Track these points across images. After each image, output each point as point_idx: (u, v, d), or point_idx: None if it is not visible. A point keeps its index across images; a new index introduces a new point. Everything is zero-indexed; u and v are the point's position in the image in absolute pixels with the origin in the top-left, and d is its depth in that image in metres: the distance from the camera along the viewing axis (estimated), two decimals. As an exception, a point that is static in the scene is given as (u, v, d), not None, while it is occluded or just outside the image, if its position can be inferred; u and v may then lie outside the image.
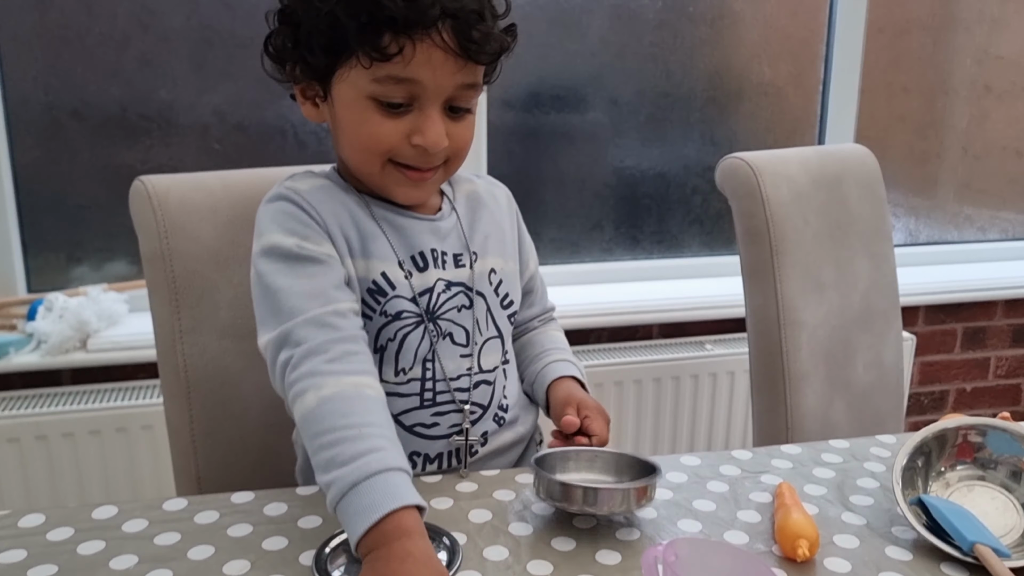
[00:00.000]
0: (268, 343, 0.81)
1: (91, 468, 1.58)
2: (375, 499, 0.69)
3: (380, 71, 0.81)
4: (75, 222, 1.73)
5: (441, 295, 0.91)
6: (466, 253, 0.94)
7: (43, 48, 1.64)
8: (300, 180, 0.90)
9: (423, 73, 0.81)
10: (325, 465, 0.72)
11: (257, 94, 1.74)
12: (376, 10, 0.78)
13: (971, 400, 2.28)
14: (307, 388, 0.76)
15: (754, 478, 0.91)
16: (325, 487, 0.72)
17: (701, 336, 1.96)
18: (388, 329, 0.88)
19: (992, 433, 0.85)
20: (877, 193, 1.43)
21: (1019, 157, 2.31)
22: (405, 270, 0.89)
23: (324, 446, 0.73)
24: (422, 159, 0.86)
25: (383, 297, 0.88)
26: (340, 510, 0.71)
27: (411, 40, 0.79)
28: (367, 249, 0.88)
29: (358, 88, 0.83)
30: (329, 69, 0.84)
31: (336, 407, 0.75)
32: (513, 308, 0.99)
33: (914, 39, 2.15)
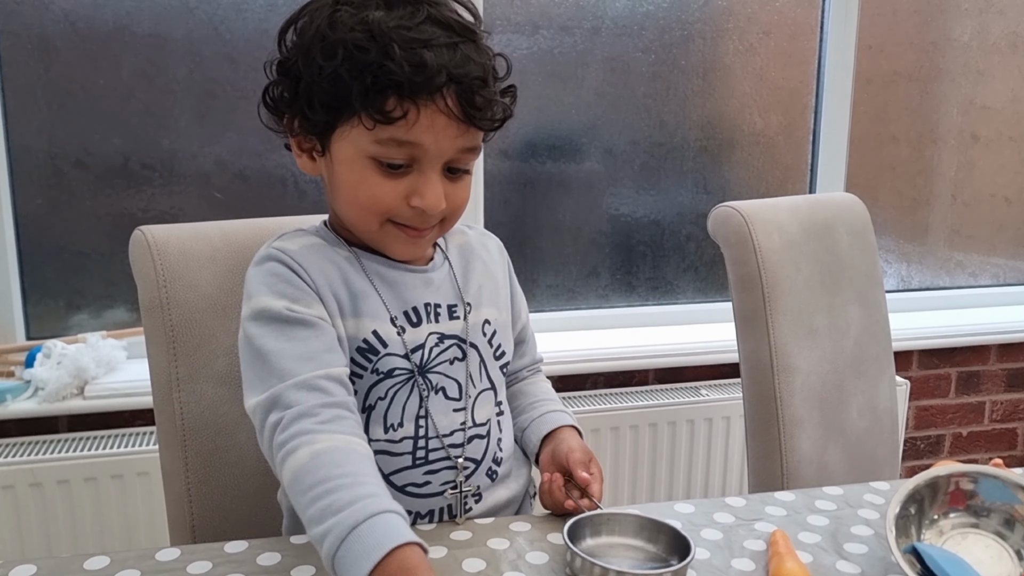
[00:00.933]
0: (257, 405, 0.80)
1: (86, 515, 1.57)
2: (377, 539, 0.68)
3: (382, 133, 0.81)
4: (75, 269, 1.74)
5: (434, 349, 0.90)
6: (460, 304, 0.94)
7: (47, 98, 1.68)
8: (289, 240, 0.90)
9: (425, 137, 0.81)
10: (319, 516, 0.71)
11: (258, 144, 1.77)
12: (382, 74, 0.78)
13: (967, 444, 2.27)
14: (299, 445, 0.76)
15: (748, 525, 0.91)
16: (320, 538, 0.71)
17: (697, 381, 1.97)
18: (379, 387, 0.88)
19: (984, 480, 0.86)
20: (867, 240, 1.45)
21: (1007, 204, 2.35)
22: (398, 326, 0.89)
23: (318, 496, 0.72)
24: (420, 219, 0.86)
25: (374, 355, 0.87)
26: (339, 557, 0.69)
27: (415, 105, 0.79)
28: (358, 308, 0.87)
29: (358, 147, 0.83)
30: (329, 126, 0.84)
31: (330, 459, 0.75)
32: (506, 359, 0.98)
33: (901, 90, 2.20)
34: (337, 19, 0.81)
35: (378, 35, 0.79)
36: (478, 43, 0.84)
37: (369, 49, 0.79)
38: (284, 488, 0.77)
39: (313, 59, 0.81)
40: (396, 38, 0.79)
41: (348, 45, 0.79)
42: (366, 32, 0.79)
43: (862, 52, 2.11)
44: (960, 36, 2.21)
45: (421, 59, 0.78)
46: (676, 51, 2.00)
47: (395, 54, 0.78)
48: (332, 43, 0.80)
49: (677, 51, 2.00)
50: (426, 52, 0.79)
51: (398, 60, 0.78)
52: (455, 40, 0.81)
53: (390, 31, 0.79)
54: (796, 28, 2.08)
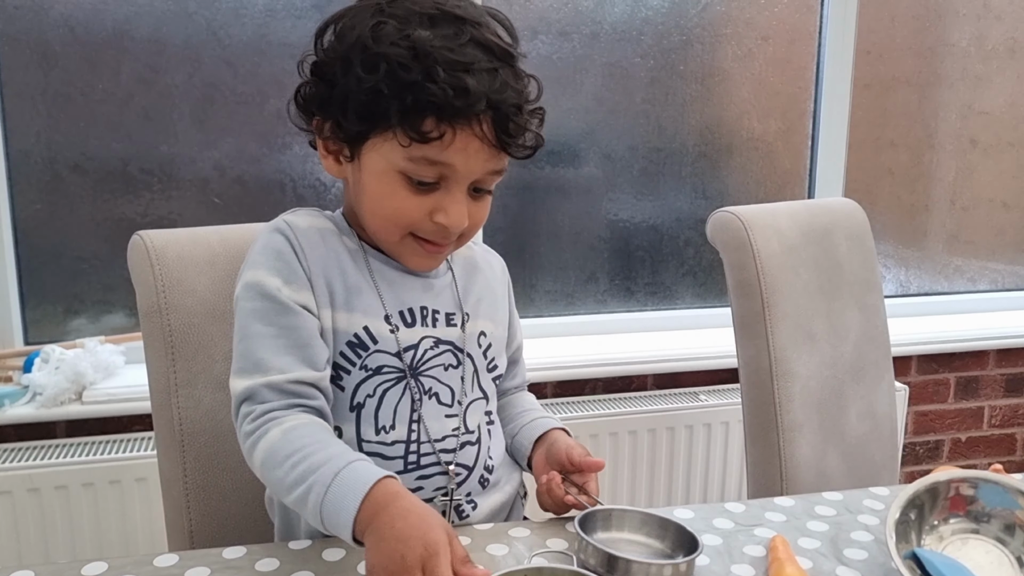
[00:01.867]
0: (235, 390, 0.84)
1: (84, 521, 1.57)
2: (359, 476, 0.74)
3: (416, 151, 0.81)
4: (74, 275, 1.74)
5: (427, 352, 0.91)
6: (459, 313, 0.95)
7: (46, 103, 1.68)
8: (301, 216, 0.91)
9: (457, 159, 0.82)
10: (299, 478, 0.76)
11: (257, 149, 1.78)
12: (423, 94, 0.78)
13: (966, 450, 2.27)
14: (269, 428, 0.80)
15: (748, 531, 0.91)
16: (303, 496, 0.75)
17: (695, 387, 1.97)
18: (367, 384, 0.88)
19: (984, 486, 0.86)
20: (866, 245, 1.45)
21: (1005, 209, 2.35)
22: (392, 324, 0.89)
23: (296, 463, 0.77)
24: (441, 235, 0.87)
25: (364, 351, 0.88)
26: (327, 503, 0.73)
27: (452, 127, 0.80)
28: (351, 302, 0.88)
29: (389, 161, 0.83)
30: (362, 136, 0.84)
31: (300, 432, 0.80)
32: (499, 372, 0.99)
33: (900, 95, 2.20)
34: (381, 31, 0.81)
35: (422, 54, 0.79)
36: (515, 68, 0.85)
37: (412, 68, 0.79)
38: (259, 468, 0.81)
39: (352, 68, 0.81)
40: (439, 59, 0.79)
41: (391, 61, 0.79)
42: (410, 49, 0.79)
43: (860, 57, 2.11)
44: (958, 41, 2.21)
45: (463, 84, 0.79)
46: (675, 56, 2.00)
47: (438, 76, 0.78)
48: (374, 56, 0.80)
49: (676, 56, 2.00)
50: (468, 77, 0.79)
51: (441, 83, 0.78)
52: (496, 65, 0.82)
53: (434, 51, 0.79)
54: (794, 33, 2.08)
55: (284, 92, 1.73)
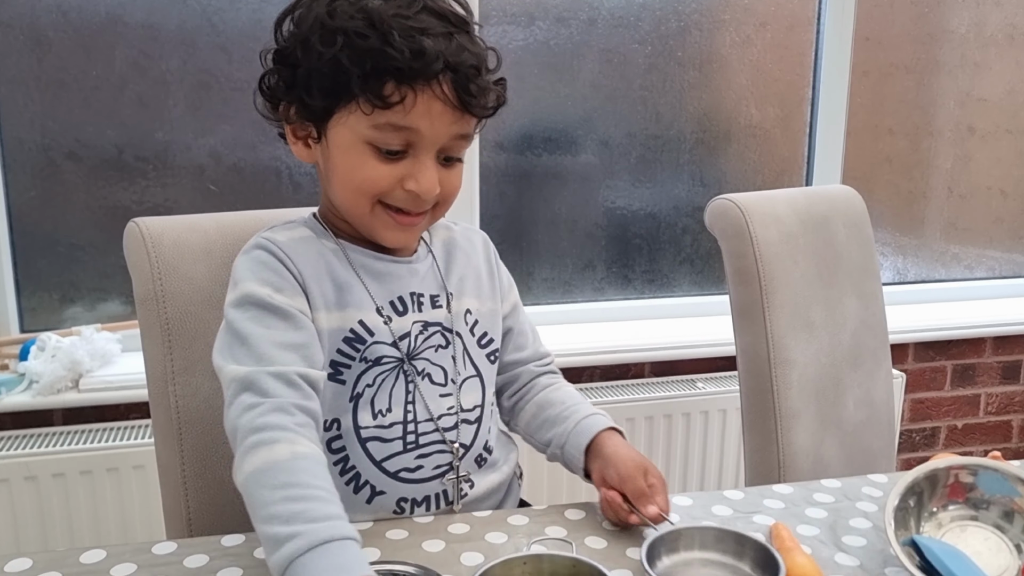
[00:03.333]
0: (234, 378, 0.80)
1: (81, 508, 1.56)
2: (349, 559, 0.69)
3: (380, 118, 0.83)
4: (69, 262, 1.73)
5: (419, 337, 0.92)
6: (443, 294, 0.96)
7: (40, 90, 1.66)
8: (278, 231, 0.92)
9: (422, 122, 0.83)
10: (289, 516, 0.70)
11: (253, 136, 1.77)
12: (382, 59, 0.80)
13: (962, 437, 2.28)
14: (279, 439, 0.76)
15: (746, 518, 0.91)
16: (279, 536, 0.69)
17: (693, 375, 1.97)
18: (367, 375, 0.89)
19: (983, 473, 0.86)
20: (864, 233, 1.45)
21: (1003, 197, 2.35)
22: (384, 315, 0.90)
23: (293, 498, 0.72)
24: (413, 203, 0.88)
25: (362, 344, 0.89)
26: (301, 562, 0.68)
27: (413, 90, 0.81)
28: (343, 300, 0.89)
29: (356, 133, 0.84)
30: (326, 112, 0.85)
31: (308, 465, 0.75)
32: (493, 347, 0.99)
33: (898, 82, 2.19)
34: (336, 8, 0.83)
35: (377, 23, 0.81)
36: (471, 34, 0.87)
37: (369, 36, 0.81)
38: (248, 472, 0.75)
39: (312, 46, 0.83)
40: (395, 26, 0.81)
41: (348, 32, 0.81)
42: (366, 20, 0.81)
43: (859, 44, 2.10)
44: (957, 28, 2.20)
45: (420, 46, 0.81)
46: (672, 43, 1.99)
47: (395, 41, 0.80)
48: (331, 30, 0.82)
49: (673, 43, 1.99)
50: (424, 39, 0.81)
51: (398, 46, 0.80)
52: (451, 30, 0.84)
53: (389, 19, 0.81)
54: (793, 20, 2.07)
55: (280, 78, 1.73)
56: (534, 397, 1.05)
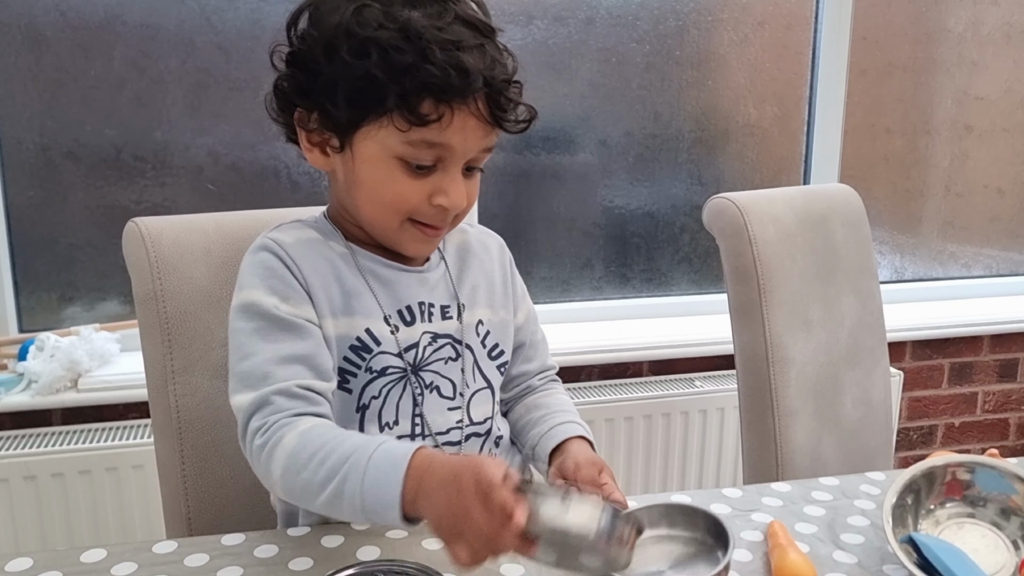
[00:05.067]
0: (239, 407, 0.81)
1: (81, 508, 1.56)
2: (394, 452, 0.71)
3: (414, 135, 0.80)
4: (68, 262, 1.73)
5: (427, 348, 0.90)
6: (454, 305, 0.94)
7: (38, 90, 1.66)
8: (286, 232, 0.89)
9: (456, 139, 0.81)
10: (330, 473, 0.73)
11: (251, 135, 1.76)
12: (420, 76, 0.77)
13: (959, 435, 2.29)
14: (283, 434, 0.77)
15: (745, 516, 0.92)
16: (338, 490, 0.72)
17: (691, 373, 1.97)
18: (373, 386, 0.87)
19: (981, 471, 0.86)
20: (862, 231, 1.45)
21: (1000, 195, 2.35)
22: (391, 324, 0.88)
23: (322, 460, 0.74)
24: (440, 218, 0.86)
25: (368, 353, 0.87)
26: (367, 488, 0.71)
27: (450, 108, 0.79)
28: (350, 306, 0.87)
29: (385, 147, 0.82)
30: (353, 124, 0.82)
31: (317, 432, 0.77)
32: (503, 359, 0.97)
33: (896, 81, 2.20)
34: (365, 15, 0.79)
35: (414, 36, 0.77)
36: (497, 43, 0.84)
37: (406, 50, 0.77)
38: (280, 477, 0.77)
39: (338, 55, 0.79)
40: (432, 39, 0.77)
41: (383, 44, 0.77)
42: (400, 32, 0.78)
43: (856, 43, 2.11)
44: (954, 27, 2.21)
45: (460, 62, 0.78)
46: (671, 42, 1.99)
47: (435, 57, 0.77)
48: (362, 41, 0.78)
49: (672, 42, 1.99)
50: (463, 55, 0.78)
51: (439, 63, 0.77)
52: (482, 41, 0.81)
53: (425, 31, 0.78)
54: (790, 19, 2.08)
55: (278, 78, 1.73)
56: (523, 399, 1.04)
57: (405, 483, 0.69)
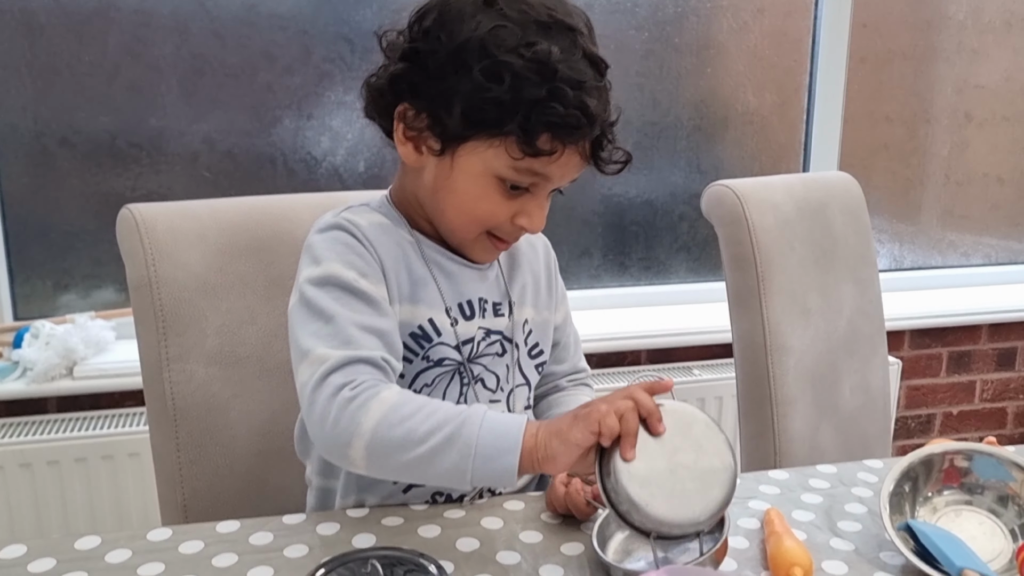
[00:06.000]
0: (325, 359, 0.78)
1: (76, 496, 1.56)
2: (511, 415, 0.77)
3: (523, 163, 0.81)
4: (63, 249, 1.72)
5: (481, 343, 0.92)
6: (505, 302, 0.95)
7: (32, 76, 1.65)
8: (359, 214, 0.89)
9: (557, 172, 0.83)
10: (443, 419, 0.75)
11: (247, 122, 1.75)
12: (547, 114, 0.78)
13: (958, 424, 2.29)
14: (380, 390, 0.77)
15: (742, 504, 0.91)
16: (452, 433, 0.74)
17: (689, 362, 1.97)
18: (427, 374, 0.89)
19: (978, 458, 0.86)
20: (861, 220, 1.44)
21: (1000, 184, 2.35)
22: (451, 317, 0.90)
23: (432, 412, 0.75)
24: (516, 235, 0.89)
25: (427, 343, 0.88)
26: (486, 429, 0.74)
27: (563, 145, 0.80)
28: (416, 295, 0.88)
29: (489, 166, 0.82)
30: (463, 137, 0.82)
31: (413, 396, 0.79)
32: (542, 359, 0.99)
33: (896, 69, 2.19)
34: (501, 36, 0.79)
35: (547, 71, 0.78)
36: (607, 80, 0.84)
37: (538, 84, 0.78)
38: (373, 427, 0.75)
39: (469, 70, 0.79)
40: (563, 77, 0.78)
41: (516, 72, 0.78)
42: (535, 63, 0.78)
43: (856, 30, 2.09)
44: (955, 14, 2.19)
45: (584, 105, 0.79)
46: (670, 29, 1.98)
47: (565, 97, 0.78)
48: (497, 64, 0.78)
49: (671, 29, 1.98)
50: (588, 99, 0.79)
51: (568, 104, 0.78)
52: (600, 83, 0.82)
53: (558, 68, 0.78)
54: (790, 6, 2.06)
55: (273, 64, 1.73)
56: (547, 397, 1.06)
57: (526, 428, 0.73)
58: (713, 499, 0.72)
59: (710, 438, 0.75)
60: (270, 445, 1.07)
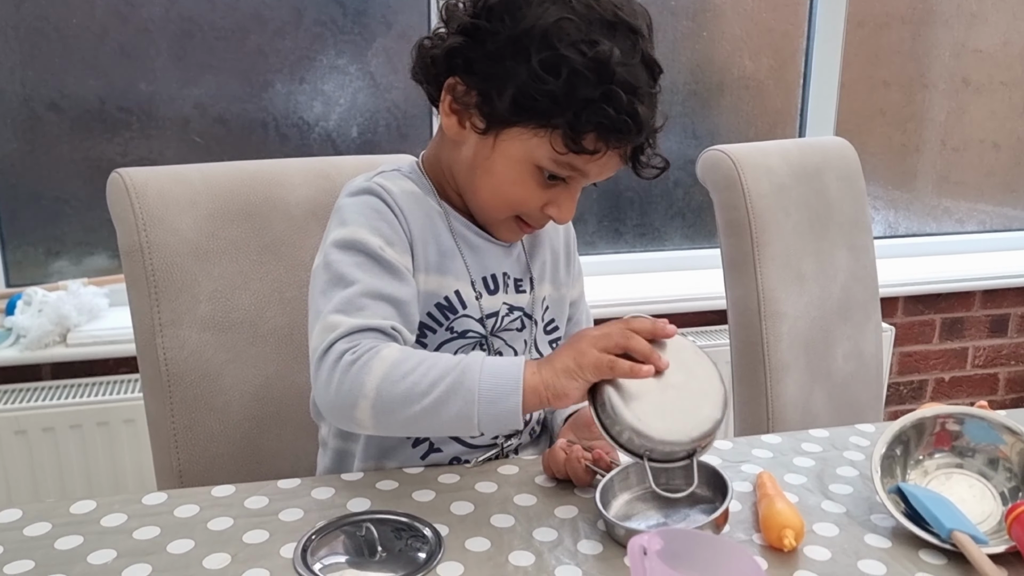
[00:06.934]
0: (336, 326, 0.79)
1: (72, 463, 1.57)
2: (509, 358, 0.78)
3: (564, 157, 0.81)
4: (54, 216, 1.71)
5: (505, 318, 0.93)
6: (526, 279, 0.96)
7: (20, 40, 1.62)
8: (391, 179, 0.89)
9: (595, 169, 0.84)
10: (444, 370, 0.76)
11: (238, 87, 1.73)
12: (598, 115, 0.78)
13: (949, 390, 2.30)
14: (380, 349, 0.78)
15: (735, 468, 0.92)
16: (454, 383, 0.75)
17: (683, 328, 1.97)
18: (450, 345, 0.90)
19: (970, 421, 0.86)
20: (857, 185, 1.44)
21: (996, 150, 2.34)
22: (477, 291, 0.91)
23: (432, 365, 0.76)
24: (543, 222, 0.90)
25: (452, 314, 0.89)
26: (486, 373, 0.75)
27: (607, 146, 0.81)
28: (443, 266, 0.89)
29: (530, 154, 0.82)
30: (509, 122, 0.82)
31: (414, 351, 0.80)
32: (557, 335, 1.00)
33: (893, 33, 2.17)
34: (564, 28, 0.78)
35: (605, 72, 0.77)
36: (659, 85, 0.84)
37: (594, 84, 0.77)
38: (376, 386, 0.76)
39: (527, 58, 0.78)
40: (619, 80, 0.78)
41: (575, 69, 0.77)
42: (594, 62, 0.77)
43: (854, -6, 2.07)
44: (954, -23, 2.17)
45: (635, 111, 0.79)
46: (666, -8, 1.95)
47: (619, 102, 0.77)
48: (557, 58, 0.78)
49: (667, -8, 1.96)
50: (639, 105, 0.79)
51: (619, 108, 0.78)
52: (655, 90, 0.82)
53: (616, 68, 0.78)
54: (788, -32, 2.04)
55: (264, 27, 1.70)
56: None
57: (526, 367, 0.75)
58: (705, 417, 0.75)
59: (699, 363, 0.78)
60: (264, 410, 1.08)
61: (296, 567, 0.72)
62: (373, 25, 1.78)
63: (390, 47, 1.79)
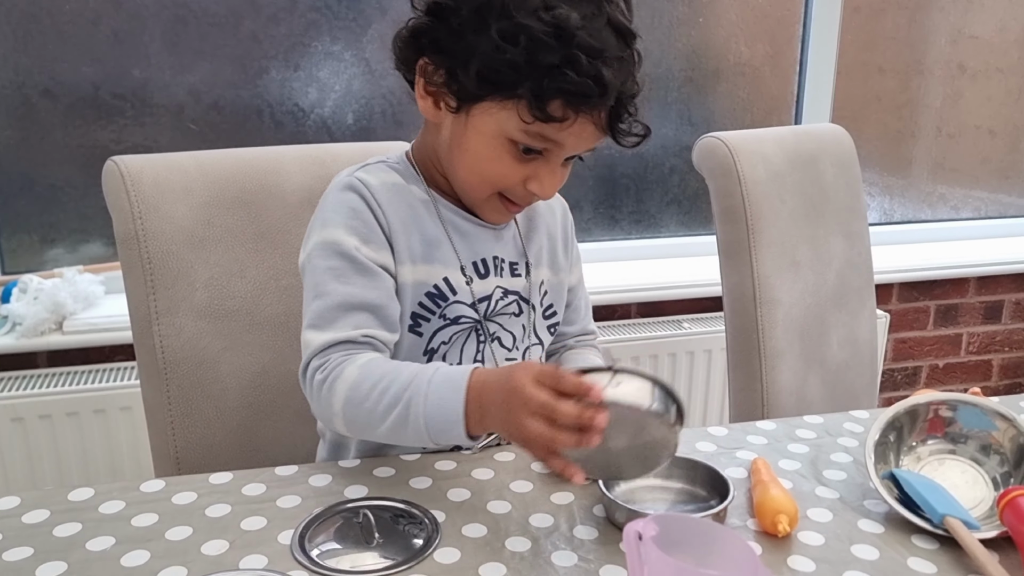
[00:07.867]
0: (308, 344, 0.84)
1: (69, 450, 1.57)
2: (452, 374, 0.76)
3: (534, 127, 0.80)
4: (48, 203, 1.70)
5: (499, 302, 0.93)
6: (522, 263, 0.96)
7: (13, 26, 1.61)
8: (372, 173, 0.90)
9: (570, 139, 0.82)
10: (394, 399, 0.77)
11: (233, 74, 1.72)
12: (560, 80, 0.77)
13: (943, 376, 2.31)
14: (342, 369, 0.80)
15: (730, 454, 0.92)
16: (402, 415, 0.76)
17: (678, 315, 1.98)
18: (444, 332, 0.90)
19: (963, 408, 0.87)
20: (852, 172, 1.44)
21: (992, 136, 2.34)
22: (467, 276, 0.91)
23: (385, 389, 0.77)
24: (528, 199, 0.89)
25: (443, 301, 0.89)
26: (431, 408, 0.75)
27: (576, 113, 0.80)
28: (430, 255, 0.89)
29: (501, 127, 0.82)
30: (477, 97, 0.82)
31: (378, 363, 0.81)
32: (555, 319, 1.00)
33: (890, 19, 2.16)
34: None
35: (565, 35, 0.77)
36: (635, 51, 0.84)
37: (553, 49, 0.77)
38: (342, 409, 0.80)
39: (487, 30, 0.78)
40: (580, 43, 0.77)
41: (533, 36, 0.77)
42: (553, 28, 0.77)
43: (851, -21, 2.06)
44: (951, -37, 2.16)
45: (600, 74, 0.77)
46: (662, -23, 1.95)
47: (580, 65, 0.76)
48: (515, 26, 0.77)
49: (663, -23, 1.95)
50: (604, 68, 0.77)
51: (582, 72, 0.76)
52: (623, 53, 0.81)
53: (575, 32, 0.77)
54: (785, -46, 2.03)
55: (258, 13, 1.69)
56: (556, 354, 1.08)
57: (467, 399, 0.74)
58: (647, 469, 0.75)
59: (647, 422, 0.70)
60: (261, 398, 1.08)
61: (294, 553, 0.73)
62: (368, 11, 1.77)
63: (385, 33, 1.78)
